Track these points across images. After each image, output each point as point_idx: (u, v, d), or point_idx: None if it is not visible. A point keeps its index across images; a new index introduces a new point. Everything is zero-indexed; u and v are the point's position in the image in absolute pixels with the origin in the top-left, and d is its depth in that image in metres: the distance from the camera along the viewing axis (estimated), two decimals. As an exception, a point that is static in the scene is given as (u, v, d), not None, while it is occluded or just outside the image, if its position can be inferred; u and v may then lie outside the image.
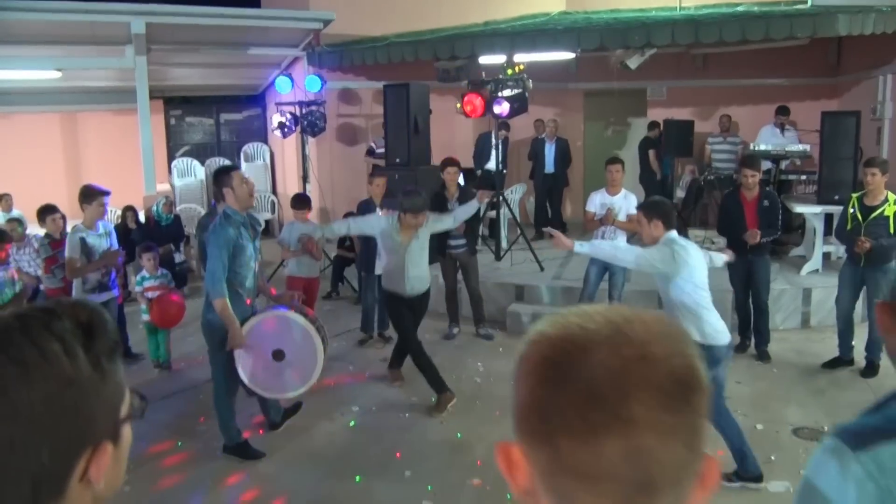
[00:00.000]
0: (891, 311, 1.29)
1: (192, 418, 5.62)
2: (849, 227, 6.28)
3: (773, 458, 4.83)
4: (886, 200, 6.12)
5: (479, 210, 7.94)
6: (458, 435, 5.31)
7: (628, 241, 7.05)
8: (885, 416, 1.17)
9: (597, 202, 7.07)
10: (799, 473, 4.59)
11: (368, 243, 7.24)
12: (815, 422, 5.41)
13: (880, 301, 1.31)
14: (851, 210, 6.28)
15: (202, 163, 13.55)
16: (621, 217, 6.91)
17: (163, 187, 11.44)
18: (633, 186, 9.24)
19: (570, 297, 7.75)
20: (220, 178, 4.75)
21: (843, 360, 6.54)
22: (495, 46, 8.67)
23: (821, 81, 11.33)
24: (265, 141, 13.99)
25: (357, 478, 4.72)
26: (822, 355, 6.76)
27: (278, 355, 4.90)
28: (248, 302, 4.88)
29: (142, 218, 9.61)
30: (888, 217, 6.06)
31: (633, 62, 8.35)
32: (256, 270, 4.92)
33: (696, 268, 4.46)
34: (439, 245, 7.49)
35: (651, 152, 11.01)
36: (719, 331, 4.47)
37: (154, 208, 9.53)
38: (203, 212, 11.15)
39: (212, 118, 14.63)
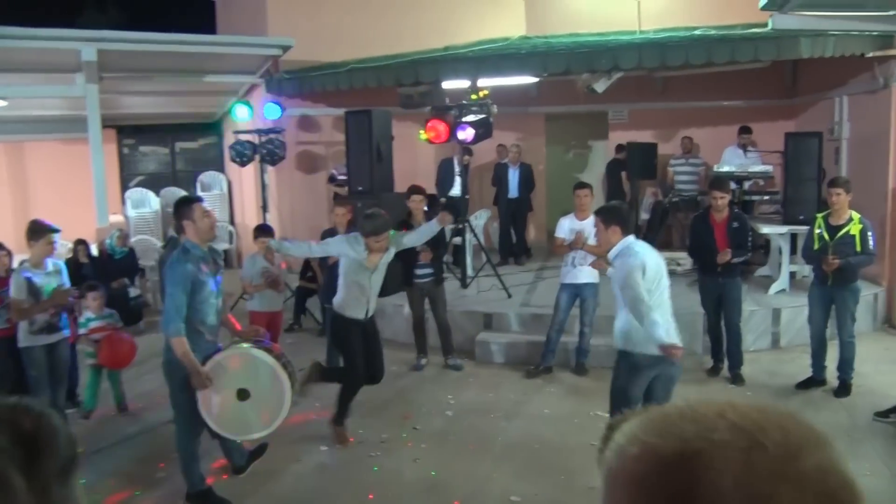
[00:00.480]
0: None
1: (151, 464, 5.28)
2: (816, 246, 6.29)
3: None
4: (851, 219, 6.16)
5: (444, 237, 7.79)
6: (433, 473, 5.09)
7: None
8: None
9: (566, 228, 6.96)
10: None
11: (332, 274, 7.02)
12: (795, 447, 5.32)
13: None
14: (818, 230, 6.29)
15: (157, 193, 13.18)
16: (591, 242, 6.81)
17: (116, 219, 11.08)
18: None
19: (540, 325, 7.61)
20: (181, 209, 4.52)
21: (815, 380, 6.51)
22: (460, 71, 8.57)
23: (778, 103, 11.49)
24: (222, 170, 13.69)
25: (328, 524, 4.49)
26: (795, 376, 6.73)
27: (243, 395, 4.65)
28: (211, 340, 4.62)
29: (94, 251, 9.24)
30: (854, 235, 6.11)
31: (600, 86, 8.32)
32: (220, 306, 4.68)
33: (646, 271, 4.42)
34: (405, 275, 7.33)
35: (624, 174, 11.00)
36: (649, 339, 4.34)
37: (107, 241, 9.18)
38: (159, 244, 10.82)
39: (167, 147, 14.26)
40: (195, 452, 4.66)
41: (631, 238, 4.60)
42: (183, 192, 13.13)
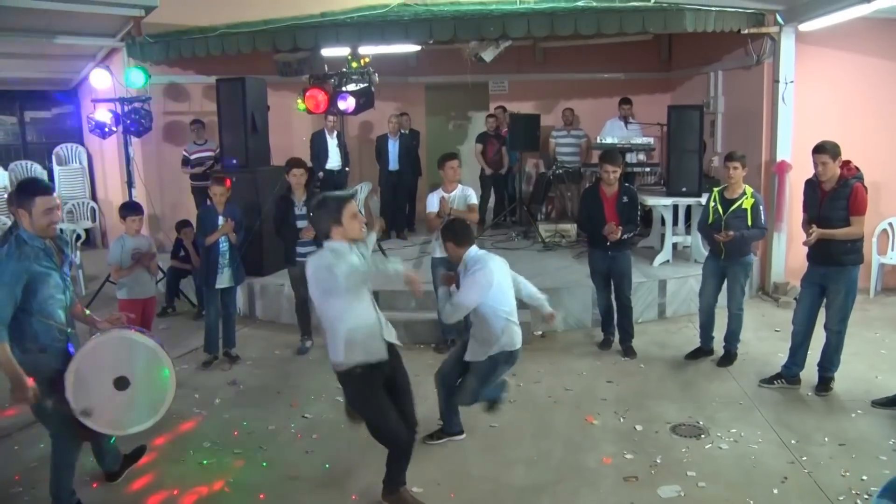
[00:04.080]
0: None
1: (5, 476, 4.67)
2: (710, 220, 6.34)
3: (658, 460, 4.69)
4: (744, 193, 6.22)
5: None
6: (327, 466, 4.80)
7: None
8: None
9: (435, 202, 6.76)
10: (685, 475, 4.50)
11: (209, 255, 6.53)
12: (690, 417, 5.37)
13: None
14: (713, 204, 6.34)
15: (6, 167, 12.00)
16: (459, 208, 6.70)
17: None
18: (472, 181, 9.08)
19: (431, 301, 7.39)
20: (18, 196, 3.83)
21: (703, 350, 6.64)
22: (341, 38, 8.14)
23: (655, 76, 11.73)
24: (81, 142, 12.61)
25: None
26: (683, 346, 6.85)
27: (121, 384, 4.16)
28: (63, 339, 4.03)
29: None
30: (746, 209, 6.16)
31: (488, 55, 8.11)
32: (68, 301, 4.06)
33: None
34: (287, 253, 6.94)
35: (477, 146, 11.00)
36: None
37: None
38: (8, 222, 9.83)
39: (15, 116, 12.98)
40: (73, 465, 4.09)
41: (475, 249, 4.83)
42: (37, 167, 12.06)
